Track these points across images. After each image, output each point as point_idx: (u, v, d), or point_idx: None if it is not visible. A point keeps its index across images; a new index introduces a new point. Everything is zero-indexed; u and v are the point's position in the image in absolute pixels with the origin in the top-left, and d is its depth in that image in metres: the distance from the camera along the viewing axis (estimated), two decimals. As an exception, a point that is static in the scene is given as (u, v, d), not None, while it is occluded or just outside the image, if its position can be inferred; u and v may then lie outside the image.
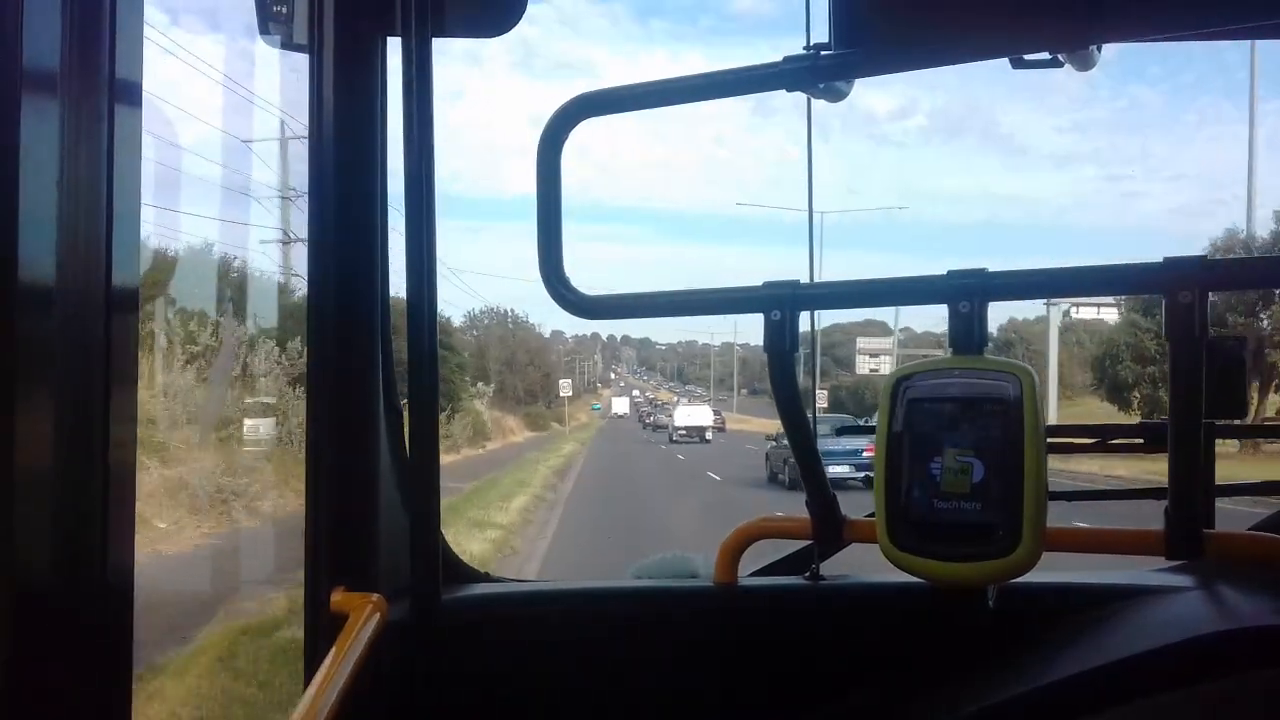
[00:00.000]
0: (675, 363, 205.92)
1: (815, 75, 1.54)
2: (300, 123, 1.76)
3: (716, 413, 64.19)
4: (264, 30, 1.72)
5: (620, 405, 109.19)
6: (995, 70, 1.54)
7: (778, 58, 1.56)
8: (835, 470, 32.18)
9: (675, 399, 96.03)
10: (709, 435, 50.37)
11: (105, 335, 0.92)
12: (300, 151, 1.79)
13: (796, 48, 1.57)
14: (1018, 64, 1.51)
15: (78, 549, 0.90)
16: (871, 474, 1.29)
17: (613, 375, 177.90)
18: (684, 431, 51.66)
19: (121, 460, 0.94)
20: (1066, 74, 1.52)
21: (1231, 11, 1.42)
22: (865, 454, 32.99)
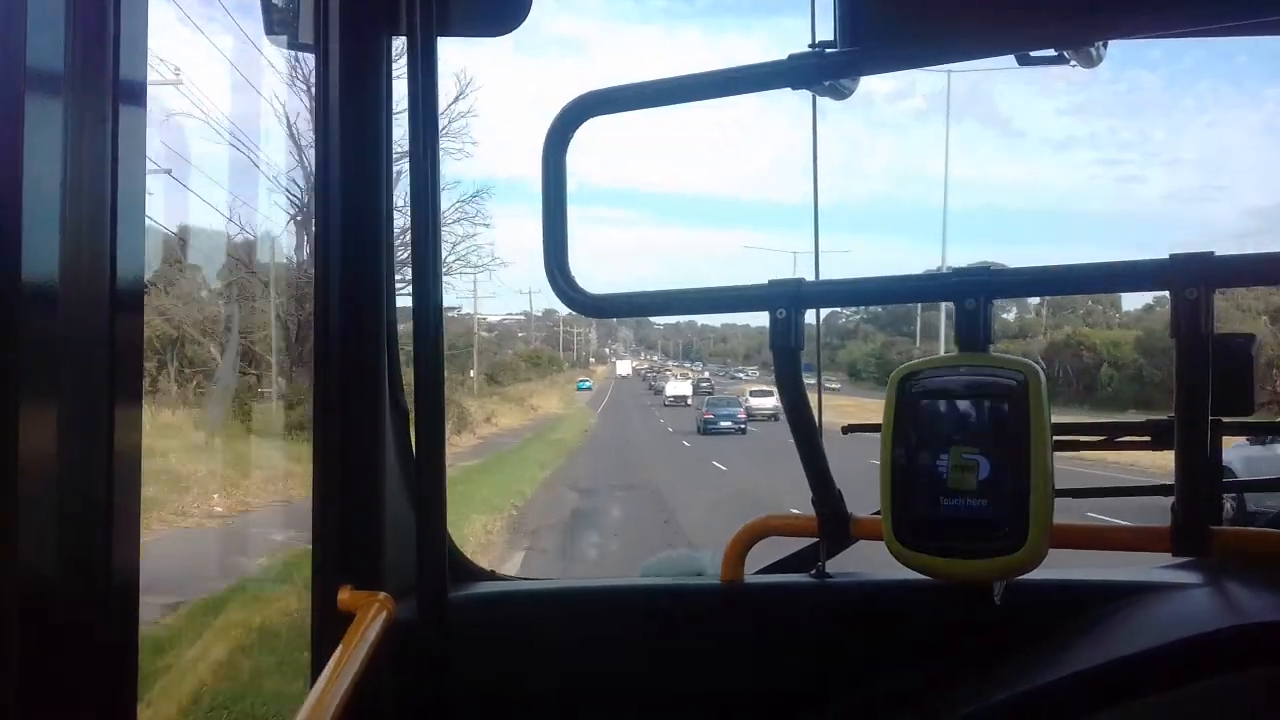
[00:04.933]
0: (676, 340, 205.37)
1: (820, 73, 1.54)
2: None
3: (705, 380, 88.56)
4: (270, 30, 1.72)
5: (624, 368, 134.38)
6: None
7: (777, 42, 1.58)
8: (723, 424, 42.59)
9: (704, 376, 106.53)
10: (689, 401, 66.32)
11: (109, 334, 0.93)
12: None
13: (795, 30, 1.56)
14: (1023, 60, 1.51)
15: (82, 547, 0.91)
16: (741, 425, 1.30)
17: (607, 351, 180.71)
18: (671, 399, 69.66)
19: (126, 459, 0.95)
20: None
21: (1236, 8, 1.42)
22: (739, 416, 43.88)
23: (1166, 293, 1.34)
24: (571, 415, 56.04)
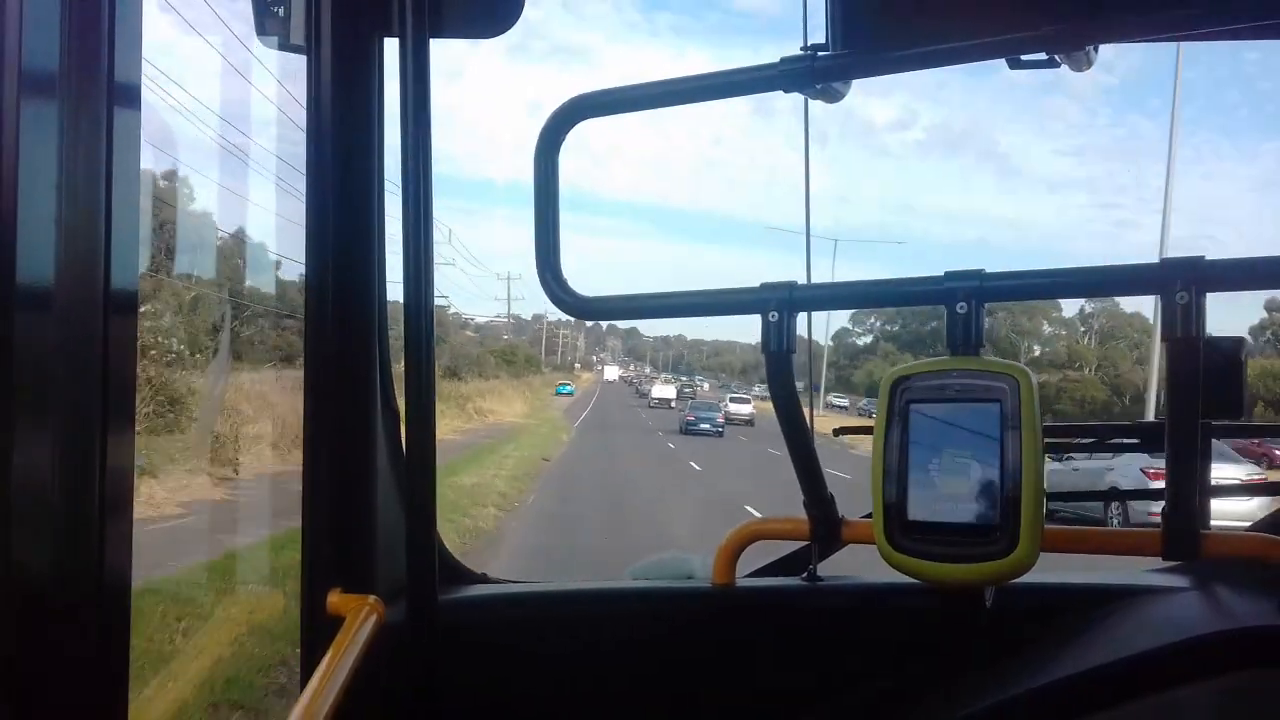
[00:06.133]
0: (666, 353, 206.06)
1: (812, 76, 1.54)
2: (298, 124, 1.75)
3: (689, 387, 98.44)
4: (261, 31, 1.72)
5: (611, 374, 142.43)
6: (997, 90, 1.54)
7: (777, 59, 1.56)
8: (703, 426, 46.11)
9: (685, 381, 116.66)
10: (673, 404, 73.69)
11: (104, 339, 0.92)
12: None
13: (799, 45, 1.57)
14: (1015, 64, 1.51)
15: (75, 553, 0.90)
16: (720, 428, 1.29)
17: (594, 359, 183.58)
18: (656, 400, 76.90)
19: (119, 464, 0.94)
20: (1068, 99, 1.53)
21: (1228, 11, 1.42)
22: (718, 420, 47.39)
23: None
24: (533, 428, 38.52)
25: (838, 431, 1.99)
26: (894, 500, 1.34)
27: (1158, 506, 1.47)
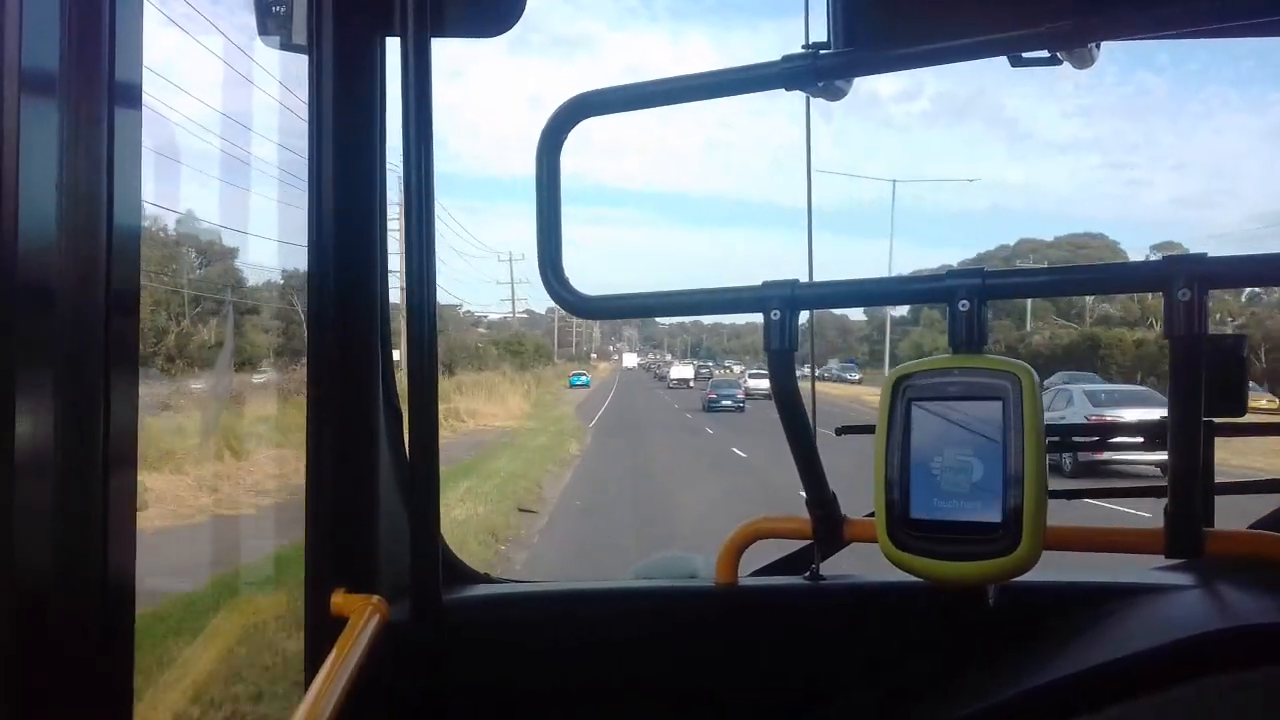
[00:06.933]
0: (683, 338, 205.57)
1: (814, 75, 1.54)
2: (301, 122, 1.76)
3: (706, 367, 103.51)
4: (263, 31, 1.72)
5: (630, 361, 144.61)
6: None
7: (778, 51, 1.56)
8: (725, 403, 47.36)
9: (705, 363, 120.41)
10: (691, 384, 76.19)
11: (105, 336, 0.93)
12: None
13: (799, 34, 1.57)
14: (1016, 62, 1.51)
15: (78, 548, 0.91)
16: (741, 404, 1.29)
17: (611, 349, 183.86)
18: (675, 381, 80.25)
19: (122, 461, 0.95)
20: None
21: (1231, 9, 1.41)
22: (739, 396, 48.37)
23: None
24: (527, 438, 28.44)
25: (840, 431, 1.98)
26: (896, 499, 1.34)
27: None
